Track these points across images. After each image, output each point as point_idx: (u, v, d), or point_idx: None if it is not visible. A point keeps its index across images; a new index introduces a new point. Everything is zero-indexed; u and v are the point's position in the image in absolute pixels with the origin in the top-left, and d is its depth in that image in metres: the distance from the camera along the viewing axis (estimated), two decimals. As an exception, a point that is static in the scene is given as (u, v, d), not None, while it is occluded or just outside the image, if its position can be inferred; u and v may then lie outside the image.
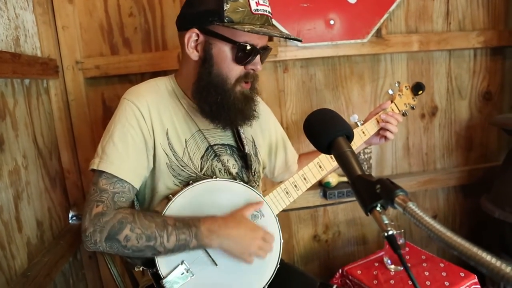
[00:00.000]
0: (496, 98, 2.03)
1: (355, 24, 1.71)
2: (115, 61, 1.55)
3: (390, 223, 0.61)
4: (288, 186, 1.22)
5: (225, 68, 1.04)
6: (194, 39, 1.05)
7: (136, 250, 0.97)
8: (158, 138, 1.07)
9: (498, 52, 1.98)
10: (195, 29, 1.04)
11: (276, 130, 1.39)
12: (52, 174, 1.46)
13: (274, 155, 1.38)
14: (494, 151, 2.09)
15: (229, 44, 1.02)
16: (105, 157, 1.01)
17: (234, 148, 1.21)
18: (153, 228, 0.98)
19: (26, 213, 1.24)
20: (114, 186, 1.00)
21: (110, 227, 0.95)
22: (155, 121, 1.07)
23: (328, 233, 1.96)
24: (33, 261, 1.23)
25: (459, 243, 0.47)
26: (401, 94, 1.37)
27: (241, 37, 1.01)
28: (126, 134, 1.03)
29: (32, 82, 1.35)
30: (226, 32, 1.01)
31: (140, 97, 1.07)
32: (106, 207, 0.97)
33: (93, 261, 1.68)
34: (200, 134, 1.14)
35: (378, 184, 0.61)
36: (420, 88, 1.37)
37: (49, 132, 1.46)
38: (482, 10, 1.92)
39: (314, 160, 1.26)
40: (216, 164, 1.15)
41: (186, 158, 1.10)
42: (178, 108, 1.12)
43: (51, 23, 1.46)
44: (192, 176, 1.11)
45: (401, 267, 1.57)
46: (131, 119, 1.04)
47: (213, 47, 1.04)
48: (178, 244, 0.98)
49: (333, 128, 0.75)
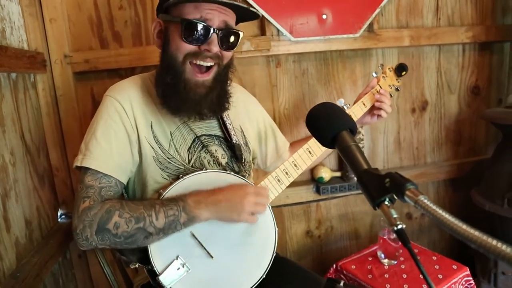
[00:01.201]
0: (484, 92, 2.06)
1: (347, 19, 1.71)
2: (105, 55, 1.50)
3: (399, 217, 0.60)
4: (280, 174, 1.21)
5: (174, 47, 1.04)
6: (158, 29, 1.09)
7: (127, 236, 0.96)
8: (142, 131, 1.07)
9: (485, 47, 2.01)
10: (158, 18, 1.08)
11: (264, 118, 1.39)
12: (40, 171, 1.41)
13: (264, 144, 1.38)
14: (482, 144, 2.13)
15: (178, 24, 1.02)
16: (88, 153, 1.01)
17: (221, 138, 1.20)
18: (141, 209, 0.98)
19: (14, 212, 1.19)
20: (100, 181, 1.00)
21: (99, 219, 0.95)
22: (138, 115, 1.07)
23: (320, 228, 1.97)
24: (22, 261, 1.18)
25: (476, 236, 0.46)
26: (385, 76, 1.39)
27: (189, 14, 1.01)
28: (109, 129, 1.03)
29: (19, 76, 1.30)
30: (175, 12, 1.03)
31: (122, 92, 1.08)
32: (93, 201, 0.97)
33: (83, 261, 1.64)
34: (185, 126, 1.13)
35: (387, 178, 0.60)
36: (403, 69, 1.39)
37: (36, 128, 1.41)
38: (470, 5, 1.94)
39: (304, 146, 1.25)
40: (204, 156, 1.14)
41: (172, 150, 1.10)
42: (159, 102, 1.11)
43: (38, 15, 1.41)
44: (180, 169, 1.10)
45: (395, 261, 1.58)
46: (113, 114, 1.04)
47: (168, 31, 1.05)
48: (168, 221, 0.98)
49: (337, 122, 0.74)
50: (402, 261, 1.59)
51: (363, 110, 1.34)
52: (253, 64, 1.70)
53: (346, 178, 1.84)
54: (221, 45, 1.04)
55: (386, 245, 1.59)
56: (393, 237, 1.58)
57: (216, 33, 1.02)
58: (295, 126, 1.82)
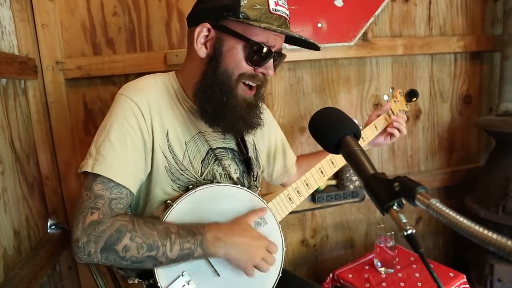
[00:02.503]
0: (476, 101, 2.09)
1: (342, 28, 1.72)
2: (98, 62, 1.48)
3: (408, 222, 0.59)
4: (291, 192, 1.18)
5: (233, 64, 0.98)
6: (204, 34, 0.99)
7: (135, 261, 0.90)
8: (157, 139, 0.99)
9: (476, 56, 2.04)
10: (207, 23, 0.98)
11: (276, 134, 1.36)
12: (30, 180, 1.37)
13: (273, 160, 1.35)
14: (474, 152, 2.15)
15: (242, 41, 0.96)
16: (101, 158, 0.92)
17: (236, 152, 1.15)
18: (155, 237, 0.90)
19: (3, 222, 1.15)
20: (111, 191, 0.91)
21: (107, 237, 0.87)
22: (155, 121, 0.99)
23: (316, 238, 1.95)
24: (10, 274, 1.13)
25: (494, 239, 0.45)
26: (396, 100, 1.39)
27: (256, 36, 0.95)
28: (125, 134, 0.95)
29: (9, 82, 1.26)
30: (240, 28, 0.95)
31: (140, 93, 0.99)
32: (102, 215, 0.89)
33: (73, 272, 1.58)
34: (201, 137, 1.07)
35: (396, 182, 0.59)
36: (414, 95, 1.39)
37: (27, 136, 1.37)
38: (461, 16, 1.97)
39: (316, 166, 1.23)
40: (217, 169, 1.09)
41: (186, 161, 1.04)
42: (178, 109, 1.05)
43: (30, 20, 1.38)
44: (192, 181, 1.04)
45: (391, 269, 1.57)
46: (130, 117, 0.96)
47: (224, 44, 0.97)
48: (182, 253, 0.92)
49: (341, 127, 0.73)
50: (399, 269, 1.58)
51: (374, 133, 1.33)
52: (248, 71, 1.69)
53: (342, 187, 1.83)
54: (274, 68, 1.04)
55: (383, 253, 1.57)
56: (390, 245, 1.57)
57: (273, 57, 1.00)
58: (290, 135, 1.81)
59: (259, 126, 1.07)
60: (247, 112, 1.02)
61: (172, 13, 1.56)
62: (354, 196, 1.82)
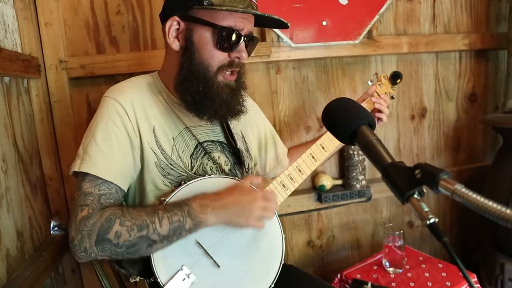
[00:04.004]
0: (481, 99, 2.07)
1: (347, 25, 1.71)
2: (102, 60, 1.46)
3: (430, 210, 0.57)
4: (284, 179, 1.18)
5: (207, 55, 0.99)
6: (175, 27, 1.01)
7: (129, 246, 0.90)
8: (144, 136, 1.01)
9: (481, 55, 2.03)
10: (175, 16, 1.00)
11: (264, 125, 1.37)
12: (33, 180, 1.34)
13: (264, 151, 1.35)
14: (480, 152, 2.13)
15: (210, 28, 0.98)
16: (87, 157, 0.94)
17: (225, 144, 1.16)
18: (144, 216, 0.92)
19: (6, 222, 1.12)
20: (99, 188, 0.93)
21: (98, 228, 0.88)
22: (141, 119, 1.01)
23: (322, 238, 1.92)
24: (13, 275, 1.11)
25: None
26: (380, 84, 1.38)
27: (222, 21, 0.97)
28: (110, 133, 0.97)
29: (12, 80, 1.25)
30: (206, 15, 0.97)
31: (123, 94, 1.02)
32: (91, 210, 0.90)
33: (77, 275, 1.56)
34: (187, 132, 1.09)
35: (417, 169, 0.57)
36: (397, 76, 1.38)
37: (29, 135, 1.35)
38: (465, 14, 1.96)
39: (307, 151, 1.24)
40: (207, 162, 1.10)
41: (175, 156, 1.05)
42: (162, 106, 1.07)
43: (33, 19, 1.37)
44: (183, 176, 1.05)
45: (400, 269, 1.54)
46: (114, 117, 0.98)
47: (194, 34, 0.99)
48: (173, 227, 0.92)
49: (356, 116, 0.71)
50: (408, 269, 1.55)
51: None
52: (253, 70, 1.68)
53: (348, 186, 1.80)
54: (248, 52, 1.05)
55: (391, 253, 1.55)
56: (399, 245, 1.54)
57: (244, 40, 1.01)
58: (296, 133, 1.79)
59: (242, 113, 1.08)
60: (230, 96, 1.03)
61: (176, 12, 1.54)
62: (361, 196, 1.79)
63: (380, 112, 1.31)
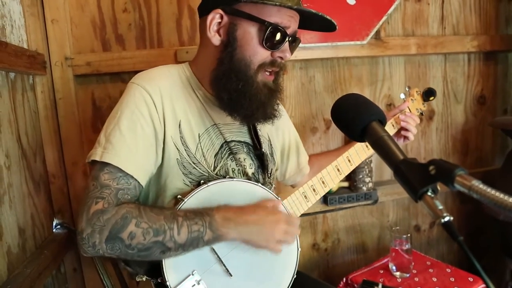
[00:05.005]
0: (490, 102, 2.04)
1: (354, 26, 1.69)
2: (108, 58, 1.45)
3: (445, 208, 0.55)
4: (307, 190, 1.14)
5: (250, 51, 0.95)
6: (217, 21, 0.96)
7: (142, 249, 0.85)
8: (169, 130, 0.95)
9: (490, 57, 2.00)
10: (219, 9, 0.95)
11: (290, 131, 1.32)
12: (36, 177, 1.33)
13: (286, 158, 1.31)
14: (489, 155, 2.09)
15: (256, 24, 0.93)
16: (110, 147, 0.88)
17: (251, 146, 1.11)
18: (162, 221, 0.87)
19: (8, 219, 1.11)
20: (118, 182, 0.87)
21: (112, 225, 0.83)
22: (167, 111, 0.95)
23: (327, 241, 1.89)
24: (14, 272, 1.10)
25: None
26: (413, 99, 1.35)
27: (270, 17, 0.93)
28: (136, 123, 0.91)
29: (17, 76, 1.24)
30: (253, 10, 0.93)
31: (152, 82, 0.96)
32: (107, 204, 0.85)
33: (78, 274, 1.54)
34: (215, 129, 1.04)
35: (431, 165, 0.55)
36: (431, 94, 1.34)
37: (34, 132, 1.34)
38: (474, 15, 1.94)
39: (332, 163, 1.19)
40: (230, 164, 1.05)
41: (199, 154, 1.00)
42: (192, 99, 1.02)
43: (40, 15, 1.36)
44: (204, 175, 1.00)
45: (407, 274, 1.51)
46: (141, 106, 0.92)
47: (238, 29, 0.94)
48: (191, 236, 0.87)
49: (366, 112, 0.69)
50: (415, 274, 1.52)
51: (391, 132, 1.28)
52: (259, 70, 1.66)
53: (354, 188, 1.78)
54: (291, 52, 1.00)
55: (398, 257, 1.52)
56: (406, 248, 1.51)
57: (288, 40, 0.98)
58: (302, 135, 1.76)
59: (276, 118, 1.04)
60: (268, 98, 0.99)
61: (183, 10, 1.53)
62: (367, 198, 1.77)
63: (407, 130, 1.26)
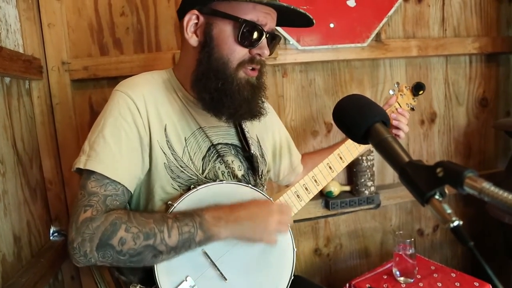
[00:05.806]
0: (492, 104, 2.02)
1: (355, 28, 1.67)
2: (105, 62, 1.44)
3: (454, 212, 0.52)
4: (299, 189, 1.13)
5: (226, 50, 0.94)
6: (194, 22, 0.97)
7: (133, 254, 0.84)
8: (155, 134, 0.95)
9: (492, 59, 1.98)
10: (195, 10, 0.95)
11: (280, 131, 1.31)
12: (33, 184, 1.31)
13: (279, 158, 1.30)
14: (491, 157, 2.07)
15: (231, 21, 0.93)
16: (94, 154, 0.88)
17: (239, 148, 1.10)
18: (151, 224, 0.86)
19: (2, 227, 1.09)
20: (105, 188, 0.87)
21: (101, 232, 0.82)
22: (152, 116, 0.95)
23: (329, 246, 1.86)
24: (9, 282, 1.07)
25: None
26: (402, 94, 1.33)
27: (245, 14, 0.93)
28: (119, 129, 0.91)
29: (13, 81, 1.22)
30: (227, 8, 0.93)
31: (135, 89, 0.96)
32: (95, 211, 0.84)
33: (76, 283, 1.51)
34: (201, 132, 1.03)
35: (439, 167, 0.52)
36: (420, 88, 1.33)
37: (30, 138, 1.32)
38: (475, 17, 1.93)
39: (324, 161, 1.19)
40: (219, 166, 1.04)
41: (186, 158, 0.99)
42: (176, 103, 1.01)
43: (36, 20, 1.35)
44: (193, 179, 0.99)
45: (411, 279, 1.48)
46: (125, 112, 0.92)
47: (214, 28, 0.95)
48: (182, 238, 0.86)
49: (369, 113, 0.67)
50: (420, 279, 1.49)
51: None
52: (259, 73, 1.65)
53: (356, 192, 1.75)
54: (270, 51, 0.99)
55: (402, 262, 1.49)
56: (410, 253, 1.48)
57: (266, 37, 0.97)
58: (302, 138, 1.74)
59: (262, 115, 1.03)
60: (251, 94, 0.98)
61: (180, 13, 1.52)
62: (370, 203, 1.74)
63: (398, 129, 1.24)
